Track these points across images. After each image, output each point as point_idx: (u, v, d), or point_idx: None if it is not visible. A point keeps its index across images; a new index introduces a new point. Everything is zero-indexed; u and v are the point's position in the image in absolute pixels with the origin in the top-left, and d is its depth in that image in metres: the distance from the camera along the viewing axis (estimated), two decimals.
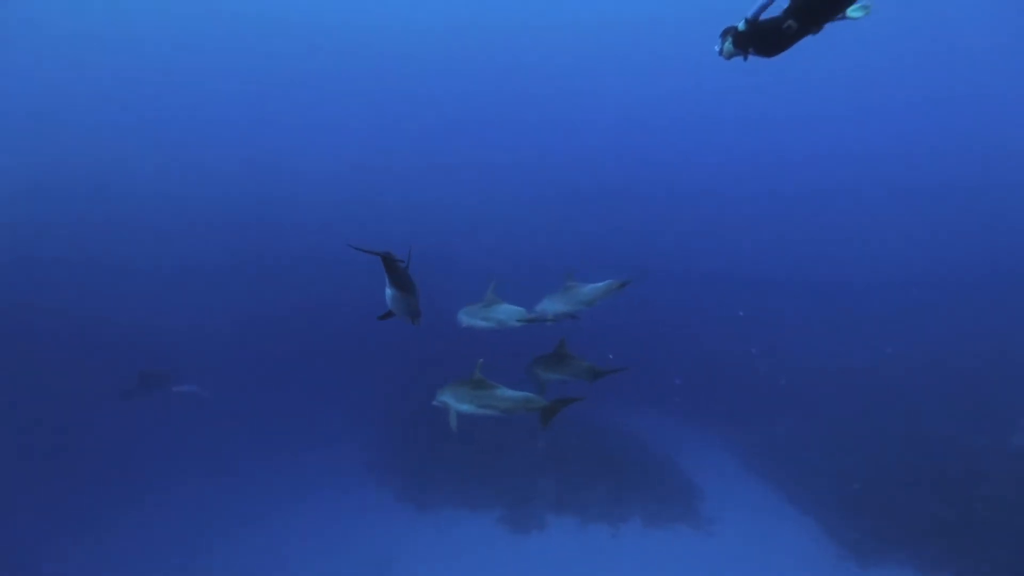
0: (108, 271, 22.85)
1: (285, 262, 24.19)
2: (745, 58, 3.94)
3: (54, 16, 27.69)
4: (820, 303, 23.81)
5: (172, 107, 33.09)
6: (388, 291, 4.56)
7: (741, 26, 3.76)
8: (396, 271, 4.35)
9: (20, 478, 12.23)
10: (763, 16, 3.68)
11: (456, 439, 5.35)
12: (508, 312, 5.44)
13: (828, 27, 3.66)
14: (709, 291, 24.20)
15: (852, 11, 3.60)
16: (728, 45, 3.91)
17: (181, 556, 10.52)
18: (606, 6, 31.82)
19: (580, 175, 34.32)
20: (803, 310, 23.12)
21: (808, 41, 3.66)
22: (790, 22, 3.56)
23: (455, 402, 4.82)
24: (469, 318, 5.50)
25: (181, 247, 25.20)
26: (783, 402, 15.71)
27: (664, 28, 32.00)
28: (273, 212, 28.70)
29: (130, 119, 32.25)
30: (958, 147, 35.18)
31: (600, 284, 5.46)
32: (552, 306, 5.45)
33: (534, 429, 13.26)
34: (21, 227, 24.90)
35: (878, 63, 32.37)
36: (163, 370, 14.12)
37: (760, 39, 3.74)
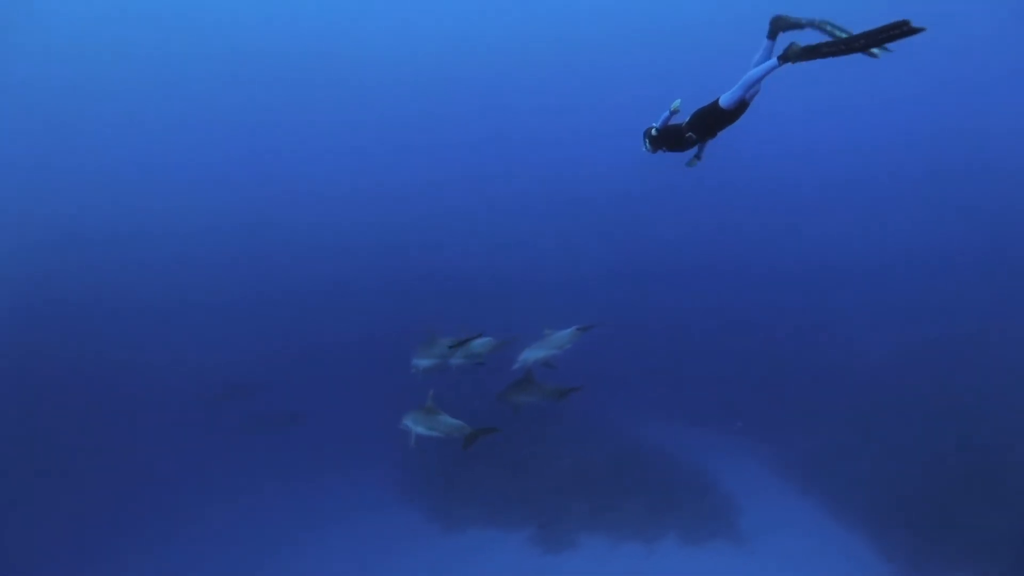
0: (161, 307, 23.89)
1: (310, 289, 24.70)
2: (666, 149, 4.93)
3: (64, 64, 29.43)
4: (854, 292, 22.66)
5: (202, 146, 34.58)
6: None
7: (653, 131, 4.80)
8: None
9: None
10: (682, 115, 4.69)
11: (415, 453, 7.31)
12: (482, 343, 6.88)
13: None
14: (738, 291, 23.41)
15: None
16: (648, 144, 4.91)
17: None
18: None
19: (584, 181, 34.11)
20: (837, 302, 22.02)
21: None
22: (690, 133, 4.63)
23: (413, 425, 6.15)
24: (455, 360, 7.00)
25: (220, 283, 26.08)
26: (824, 407, 14.91)
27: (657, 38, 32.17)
28: (306, 241, 29.32)
29: (162, 162, 33.82)
30: (975, 125, 33.71)
31: (567, 331, 6.67)
32: (533, 353, 6.65)
33: (560, 446, 13.09)
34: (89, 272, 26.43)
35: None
36: (245, 384, 16.62)
37: (670, 142, 4.78)
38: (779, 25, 4.24)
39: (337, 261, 26.80)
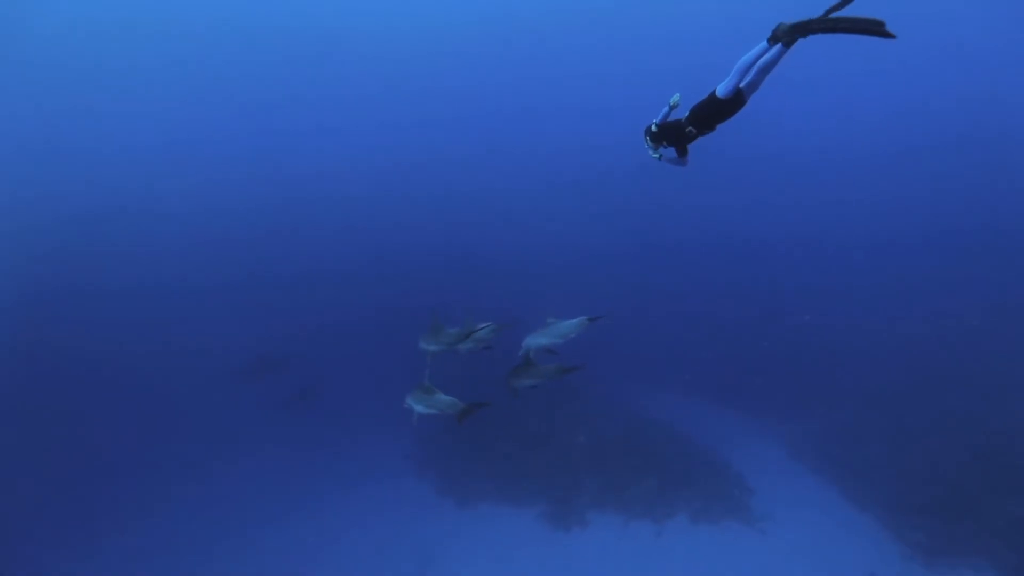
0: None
1: (331, 268, 24.82)
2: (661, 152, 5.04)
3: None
4: (870, 272, 22.10)
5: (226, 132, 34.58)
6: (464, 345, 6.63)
7: (653, 128, 4.88)
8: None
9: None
10: (673, 117, 4.83)
11: (431, 427, 7.49)
12: (487, 329, 6.80)
13: None
14: (753, 270, 22.97)
15: None
16: (650, 141, 4.98)
17: (222, 545, 11.00)
18: None
19: (594, 160, 33.45)
20: (852, 281, 21.50)
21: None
22: (690, 128, 4.67)
23: (414, 403, 6.43)
24: (464, 345, 6.87)
25: (246, 262, 26.25)
26: (837, 388, 14.74)
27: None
28: (328, 222, 29.25)
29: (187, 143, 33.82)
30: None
31: (574, 320, 6.53)
32: (535, 341, 6.58)
33: (574, 423, 13.13)
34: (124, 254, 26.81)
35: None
36: (277, 357, 17.21)
37: (669, 137, 4.83)
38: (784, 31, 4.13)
39: (357, 240, 26.82)
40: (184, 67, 33.85)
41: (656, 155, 5.07)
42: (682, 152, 5.02)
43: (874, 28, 3.73)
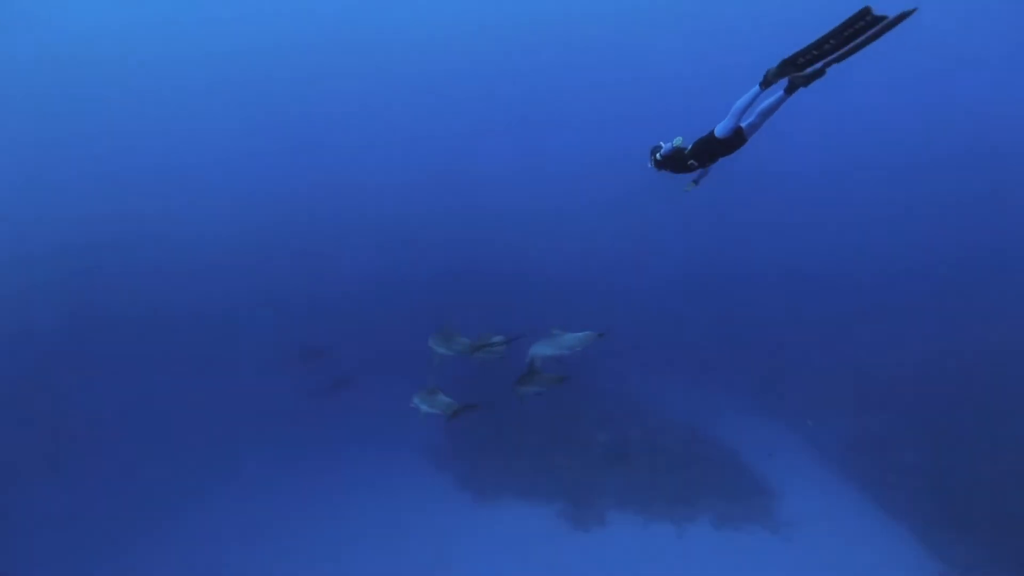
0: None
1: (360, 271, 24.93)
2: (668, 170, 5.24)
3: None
4: (900, 279, 21.29)
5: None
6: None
7: (658, 156, 5.15)
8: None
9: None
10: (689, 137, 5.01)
11: (424, 426, 7.89)
12: (499, 340, 7.06)
13: None
14: (783, 278, 22.33)
15: None
16: (653, 163, 5.28)
17: (232, 538, 11.04)
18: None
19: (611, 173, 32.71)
20: (882, 287, 20.79)
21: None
22: (692, 162, 4.93)
23: (420, 403, 7.04)
24: (480, 355, 7.12)
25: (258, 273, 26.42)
26: (872, 392, 14.19)
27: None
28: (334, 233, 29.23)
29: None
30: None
31: (580, 334, 6.60)
32: (540, 350, 6.76)
33: (595, 422, 12.94)
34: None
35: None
36: (319, 348, 17.62)
37: (673, 166, 5.12)
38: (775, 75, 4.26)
39: (392, 248, 26.80)
40: (208, 88, 34.02)
41: (689, 187, 5.37)
42: (703, 171, 5.22)
43: (862, 26, 3.43)
